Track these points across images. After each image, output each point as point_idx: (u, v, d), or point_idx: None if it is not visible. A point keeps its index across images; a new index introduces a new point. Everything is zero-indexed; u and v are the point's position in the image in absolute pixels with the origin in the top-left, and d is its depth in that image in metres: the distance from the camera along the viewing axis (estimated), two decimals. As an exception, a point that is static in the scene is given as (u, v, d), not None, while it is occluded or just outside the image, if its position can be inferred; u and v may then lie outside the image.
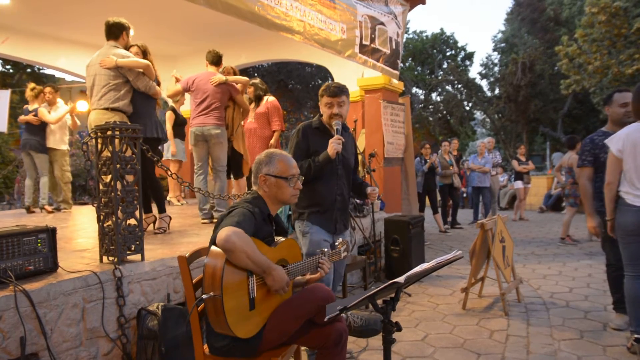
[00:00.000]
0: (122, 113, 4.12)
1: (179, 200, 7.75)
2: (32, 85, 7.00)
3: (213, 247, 2.01)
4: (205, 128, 4.94)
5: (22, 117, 6.54)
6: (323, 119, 3.15)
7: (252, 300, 2.03)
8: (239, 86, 5.19)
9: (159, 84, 4.46)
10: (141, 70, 4.17)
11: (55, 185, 6.75)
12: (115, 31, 4.19)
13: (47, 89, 6.66)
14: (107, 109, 4.05)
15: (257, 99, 5.95)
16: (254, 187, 2.36)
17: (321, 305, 2.13)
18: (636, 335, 3.12)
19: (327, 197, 3.07)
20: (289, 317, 2.12)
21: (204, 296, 1.95)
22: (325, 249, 2.43)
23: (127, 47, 4.29)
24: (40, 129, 6.52)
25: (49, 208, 6.55)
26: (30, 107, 6.63)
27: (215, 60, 5.17)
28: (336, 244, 2.59)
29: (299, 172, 2.39)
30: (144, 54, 4.40)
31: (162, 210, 4.45)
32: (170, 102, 7.76)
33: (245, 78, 5.30)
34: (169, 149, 7.40)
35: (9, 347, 2.16)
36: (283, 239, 2.30)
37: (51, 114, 6.50)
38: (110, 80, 4.07)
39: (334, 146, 2.95)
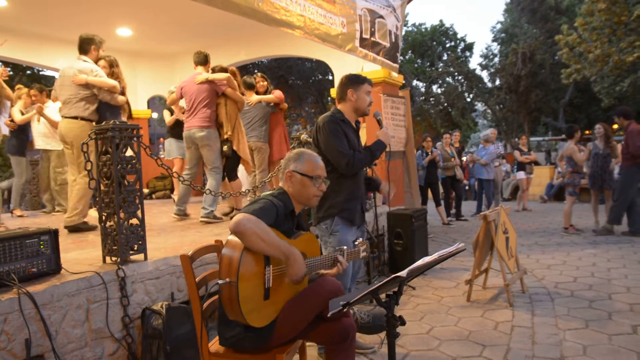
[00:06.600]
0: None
1: None
2: (18, 86, 6.86)
3: (230, 237, 2.01)
4: (191, 131, 4.95)
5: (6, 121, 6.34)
6: (357, 108, 3.20)
7: (267, 290, 2.03)
8: (223, 82, 5.04)
9: (123, 93, 4.67)
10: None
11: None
12: (85, 46, 4.43)
13: (32, 91, 6.51)
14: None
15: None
16: (280, 183, 2.38)
17: (331, 298, 2.12)
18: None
19: (360, 189, 3.22)
20: (300, 309, 2.11)
21: (219, 281, 1.93)
22: (345, 247, 2.44)
23: (96, 61, 4.47)
24: (19, 131, 6.38)
25: (19, 212, 6.40)
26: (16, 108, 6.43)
27: (201, 60, 5.13)
28: (356, 243, 2.60)
29: (325, 174, 2.39)
30: (111, 66, 4.64)
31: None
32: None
33: (226, 74, 5.08)
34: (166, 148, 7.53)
35: (15, 350, 2.17)
36: (303, 232, 2.30)
37: (22, 115, 6.35)
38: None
39: (388, 134, 3.19)
